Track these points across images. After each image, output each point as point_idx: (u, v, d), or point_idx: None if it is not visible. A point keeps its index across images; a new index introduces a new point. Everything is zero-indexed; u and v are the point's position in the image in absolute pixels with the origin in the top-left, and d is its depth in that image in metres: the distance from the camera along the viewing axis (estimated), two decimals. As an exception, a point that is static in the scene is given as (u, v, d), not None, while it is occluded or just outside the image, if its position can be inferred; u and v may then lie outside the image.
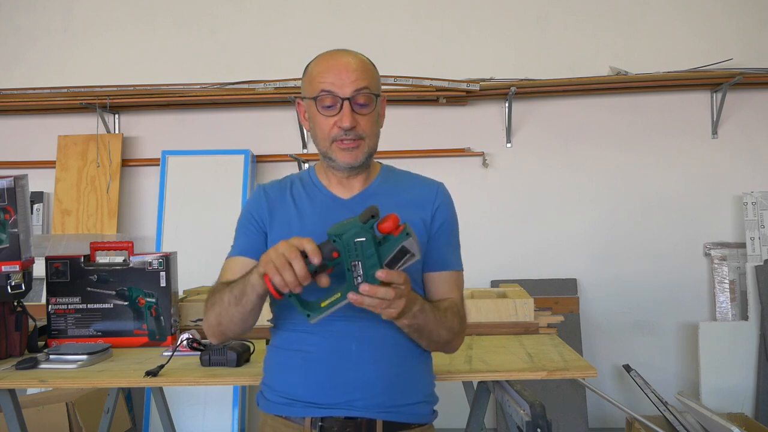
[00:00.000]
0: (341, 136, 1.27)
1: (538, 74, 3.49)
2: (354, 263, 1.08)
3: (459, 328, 1.33)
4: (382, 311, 1.12)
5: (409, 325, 1.22)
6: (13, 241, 1.78)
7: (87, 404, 2.89)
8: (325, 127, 1.28)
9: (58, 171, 3.62)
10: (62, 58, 3.78)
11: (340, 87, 1.26)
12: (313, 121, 1.31)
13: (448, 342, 1.32)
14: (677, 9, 3.54)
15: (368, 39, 3.50)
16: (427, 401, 1.33)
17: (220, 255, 1.40)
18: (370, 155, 1.32)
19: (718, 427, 2.55)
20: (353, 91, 1.26)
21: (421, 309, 1.21)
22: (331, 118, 1.27)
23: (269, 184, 1.41)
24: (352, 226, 1.08)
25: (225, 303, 1.23)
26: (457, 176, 3.55)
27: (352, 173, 1.33)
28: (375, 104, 1.30)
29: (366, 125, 1.29)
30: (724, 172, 3.48)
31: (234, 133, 3.68)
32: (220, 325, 1.27)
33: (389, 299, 1.09)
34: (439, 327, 1.27)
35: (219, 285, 1.31)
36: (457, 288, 1.38)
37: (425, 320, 1.23)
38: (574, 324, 3.36)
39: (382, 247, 1.08)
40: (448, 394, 1.71)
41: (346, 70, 1.27)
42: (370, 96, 1.28)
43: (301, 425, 1.26)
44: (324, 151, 1.31)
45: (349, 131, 1.26)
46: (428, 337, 1.27)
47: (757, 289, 3.19)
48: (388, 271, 1.08)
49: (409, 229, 1.09)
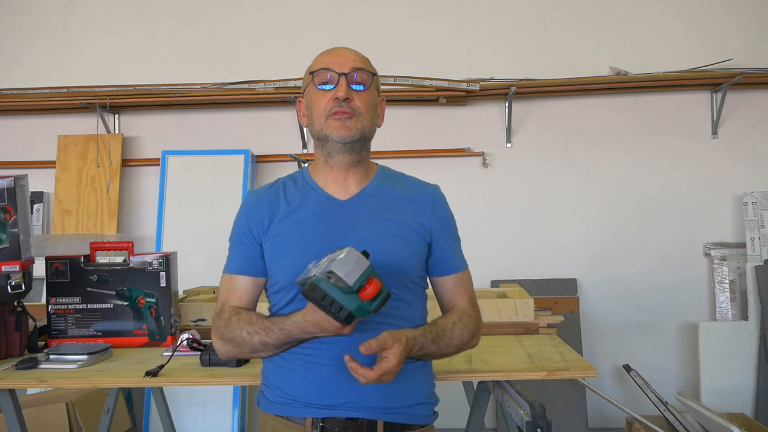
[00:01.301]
0: (336, 108, 1.27)
1: (539, 74, 3.49)
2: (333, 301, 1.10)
3: (470, 335, 1.34)
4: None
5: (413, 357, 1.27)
6: (13, 241, 1.78)
7: (87, 404, 2.89)
8: (321, 103, 1.29)
9: (58, 171, 3.62)
10: (62, 58, 3.78)
11: (338, 65, 1.29)
12: (310, 103, 1.31)
13: (458, 351, 1.35)
14: (677, 9, 3.54)
15: (368, 39, 3.50)
16: (428, 402, 1.33)
17: (220, 255, 1.40)
18: (364, 136, 1.30)
19: (718, 427, 2.55)
20: (351, 69, 1.28)
21: (421, 347, 1.25)
22: (328, 93, 1.28)
23: (260, 190, 1.38)
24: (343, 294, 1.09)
25: (255, 343, 1.26)
26: (457, 176, 3.55)
27: (346, 158, 1.30)
28: (371, 86, 1.31)
29: (361, 103, 1.29)
30: (724, 172, 3.48)
31: (234, 133, 3.68)
32: (241, 353, 1.31)
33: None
34: (444, 348, 1.30)
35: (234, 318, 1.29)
36: (465, 288, 1.39)
37: (428, 353, 1.28)
38: (574, 324, 3.36)
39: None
40: (448, 394, 1.71)
41: (344, 53, 1.31)
42: (367, 76, 1.30)
43: (302, 425, 1.26)
44: (319, 131, 1.30)
45: (344, 103, 1.27)
46: (438, 355, 1.32)
47: (757, 289, 3.19)
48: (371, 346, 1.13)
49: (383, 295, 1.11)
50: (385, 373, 1.14)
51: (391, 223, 1.30)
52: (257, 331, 1.25)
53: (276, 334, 1.23)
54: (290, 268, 1.27)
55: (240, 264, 1.34)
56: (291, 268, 1.26)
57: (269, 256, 1.31)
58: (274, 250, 1.30)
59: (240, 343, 1.27)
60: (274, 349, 1.27)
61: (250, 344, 1.26)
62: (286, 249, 1.29)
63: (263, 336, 1.24)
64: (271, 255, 1.31)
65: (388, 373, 1.15)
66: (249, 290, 1.34)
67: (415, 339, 1.23)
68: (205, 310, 2.07)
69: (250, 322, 1.26)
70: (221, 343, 1.31)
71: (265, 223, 1.32)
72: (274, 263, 1.30)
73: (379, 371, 1.14)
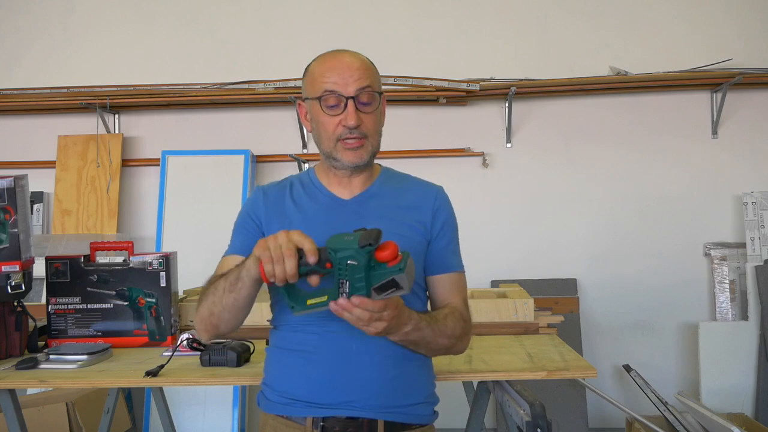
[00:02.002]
0: (346, 135, 1.27)
1: (539, 74, 3.49)
2: (342, 281, 1.08)
3: (461, 332, 1.33)
4: (360, 328, 1.12)
5: (401, 341, 1.24)
6: (13, 241, 1.78)
7: (87, 404, 2.89)
8: (330, 126, 1.28)
9: (58, 171, 3.62)
10: (62, 58, 3.78)
11: (344, 86, 1.26)
12: (316, 121, 1.31)
13: (449, 348, 1.33)
14: (677, 9, 3.54)
15: (368, 39, 3.51)
16: (428, 402, 1.33)
17: (220, 255, 1.40)
18: (374, 154, 1.33)
19: (718, 427, 2.55)
20: (357, 90, 1.27)
21: (416, 327, 1.22)
22: (336, 117, 1.28)
23: (268, 186, 1.41)
24: (349, 246, 1.08)
25: (219, 291, 1.21)
26: (457, 176, 3.55)
27: (355, 173, 1.33)
28: (378, 103, 1.31)
29: (370, 123, 1.29)
30: (724, 172, 3.48)
31: (234, 133, 3.68)
32: (212, 316, 1.24)
33: (364, 320, 1.09)
34: (437, 338, 1.27)
35: (213, 278, 1.30)
36: (459, 290, 1.38)
37: (420, 336, 1.24)
38: (574, 324, 3.36)
39: (374, 272, 1.08)
40: (448, 394, 1.71)
41: (349, 69, 1.28)
42: (373, 94, 1.29)
43: (303, 425, 1.26)
44: (328, 152, 1.31)
45: (354, 130, 1.27)
46: (426, 347, 1.29)
47: (757, 289, 3.19)
48: (363, 299, 1.07)
49: (409, 261, 1.08)
50: (380, 311, 1.09)
51: (393, 223, 1.31)
52: (226, 276, 1.21)
53: (234, 271, 1.19)
54: None
55: (239, 246, 1.34)
56: None
57: None
58: None
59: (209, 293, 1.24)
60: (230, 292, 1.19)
61: (214, 295, 1.22)
62: None
63: (224, 282, 1.21)
64: None
65: (381, 318, 1.10)
66: None
67: (411, 312, 1.21)
68: (205, 310, 2.07)
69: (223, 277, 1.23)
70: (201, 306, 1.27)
71: (268, 220, 1.33)
72: None
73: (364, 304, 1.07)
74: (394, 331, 1.18)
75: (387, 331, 1.16)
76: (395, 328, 1.18)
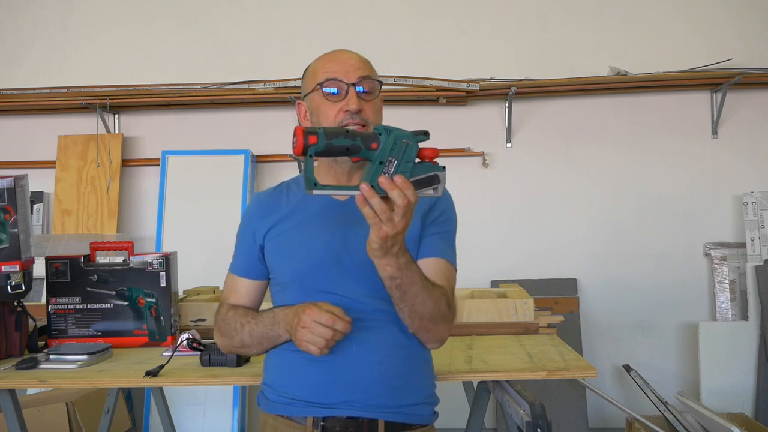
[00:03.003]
0: (347, 120, 1.26)
1: (538, 74, 3.49)
2: (390, 159, 1.06)
3: (446, 313, 1.24)
4: (377, 223, 1.04)
5: (391, 277, 1.13)
6: (13, 241, 1.78)
7: (87, 404, 2.89)
8: (331, 113, 1.28)
9: (58, 171, 3.62)
10: (62, 58, 3.78)
11: (345, 74, 1.28)
12: (317, 111, 1.31)
13: (432, 320, 1.21)
14: (677, 9, 3.54)
15: (368, 39, 3.51)
16: (428, 402, 1.33)
17: (220, 255, 1.41)
18: None
19: (718, 427, 2.55)
20: (358, 78, 1.28)
21: (408, 264, 1.13)
22: (337, 104, 1.28)
23: (264, 192, 1.42)
24: (403, 130, 1.08)
25: (257, 337, 1.30)
26: (457, 176, 3.52)
27: (354, 168, 1.32)
28: (377, 93, 1.32)
29: (370, 112, 1.29)
30: (724, 172, 3.48)
31: (234, 133, 3.68)
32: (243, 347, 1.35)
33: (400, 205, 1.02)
34: (425, 295, 1.17)
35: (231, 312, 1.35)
36: (446, 279, 1.29)
37: (410, 279, 1.14)
38: (574, 324, 3.36)
39: (416, 166, 1.08)
40: (448, 394, 1.71)
41: (349, 60, 1.31)
42: (373, 84, 1.30)
43: (303, 425, 1.26)
44: None
45: (356, 115, 1.26)
46: (412, 301, 1.17)
47: (757, 289, 3.19)
48: (406, 180, 1.03)
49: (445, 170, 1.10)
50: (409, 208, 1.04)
51: None
52: (248, 321, 1.31)
53: (263, 321, 1.28)
54: (291, 267, 1.30)
55: (241, 266, 1.39)
56: (291, 267, 1.29)
57: (270, 256, 1.33)
58: (276, 249, 1.32)
59: (232, 335, 1.33)
60: (258, 344, 1.31)
61: (240, 335, 1.32)
62: (287, 248, 1.31)
63: (252, 325, 1.30)
64: (272, 254, 1.33)
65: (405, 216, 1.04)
66: (249, 293, 1.39)
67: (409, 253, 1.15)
68: (205, 310, 2.07)
69: (244, 314, 1.33)
70: (218, 335, 1.38)
71: (265, 227, 1.34)
72: (275, 262, 1.33)
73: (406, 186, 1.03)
74: (397, 247, 1.09)
75: (394, 240, 1.06)
76: (398, 246, 1.09)
